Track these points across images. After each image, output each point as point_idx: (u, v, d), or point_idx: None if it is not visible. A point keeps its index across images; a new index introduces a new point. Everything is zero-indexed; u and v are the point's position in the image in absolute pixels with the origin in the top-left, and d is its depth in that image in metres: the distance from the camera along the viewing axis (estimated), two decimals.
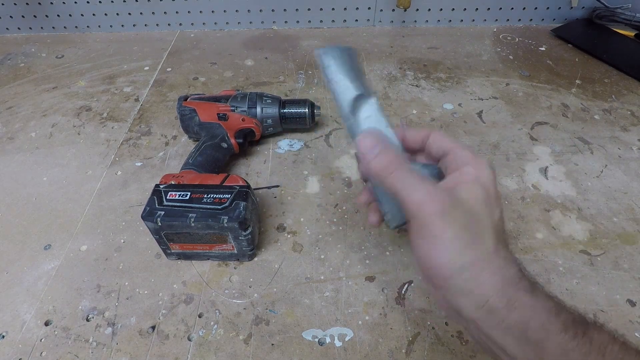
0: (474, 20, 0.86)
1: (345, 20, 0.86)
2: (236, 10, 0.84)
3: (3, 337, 0.38)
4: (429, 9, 0.84)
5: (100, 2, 0.82)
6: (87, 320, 0.39)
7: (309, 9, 0.84)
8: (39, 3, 0.82)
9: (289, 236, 0.46)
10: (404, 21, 0.86)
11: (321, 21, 0.86)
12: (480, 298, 0.23)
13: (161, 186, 0.40)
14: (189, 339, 0.37)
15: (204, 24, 0.86)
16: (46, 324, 0.39)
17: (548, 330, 0.22)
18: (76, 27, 0.86)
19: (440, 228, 0.24)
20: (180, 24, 0.86)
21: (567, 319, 0.22)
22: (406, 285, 0.41)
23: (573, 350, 0.21)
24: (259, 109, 0.54)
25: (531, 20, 0.86)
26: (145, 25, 0.86)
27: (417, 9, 0.84)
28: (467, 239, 0.24)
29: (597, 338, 0.21)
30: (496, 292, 0.23)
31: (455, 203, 0.25)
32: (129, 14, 0.84)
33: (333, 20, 0.86)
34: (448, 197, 0.25)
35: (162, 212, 0.38)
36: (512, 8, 0.84)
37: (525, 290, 0.23)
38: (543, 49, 0.78)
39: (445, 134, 0.30)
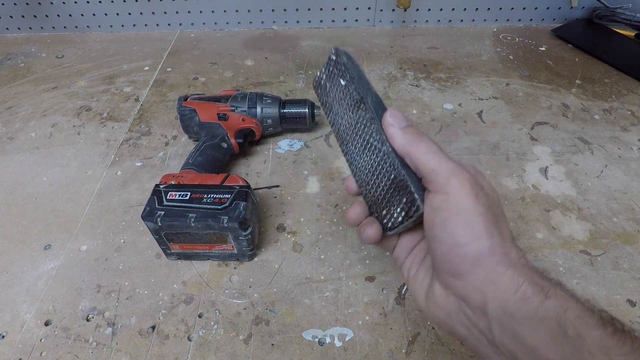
0: (474, 20, 0.86)
1: (345, 20, 0.86)
2: (236, 10, 0.84)
3: (3, 337, 0.38)
4: (429, 9, 0.84)
5: (100, 2, 0.82)
6: (87, 320, 0.39)
7: (309, 9, 0.84)
8: (39, 3, 0.82)
9: (289, 236, 0.46)
10: (404, 21, 0.86)
11: (321, 21, 0.86)
12: (512, 283, 0.21)
13: (161, 186, 0.40)
14: (189, 339, 0.37)
15: (204, 24, 0.86)
16: (46, 324, 0.39)
17: (587, 324, 0.19)
18: (76, 27, 0.86)
19: (470, 202, 0.22)
20: (180, 24, 0.86)
21: (603, 314, 0.20)
22: (406, 286, 0.41)
23: (614, 348, 0.18)
24: (259, 109, 0.54)
25: (531, 20, 0.86)
26: (145, 25, 0.86)
27: (417, 9, 0.84)
28: (493, 219, 0.22)
29: (636, 338, 0.19)
30: (527, 277, 0.21)
31: (478, 183, 0.23)
32: (129, 14, 0.84)
33: (333, 20, 0.86)
34: (472, 176, 0.23)
35: (162, 212, 0.38)
36: (512, 8, 0.84)
37: (554, 281, 0.21)
38: (543, 49, 0.78)
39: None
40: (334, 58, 0.30)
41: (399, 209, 0.26)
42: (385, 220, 0.28)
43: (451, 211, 0.22)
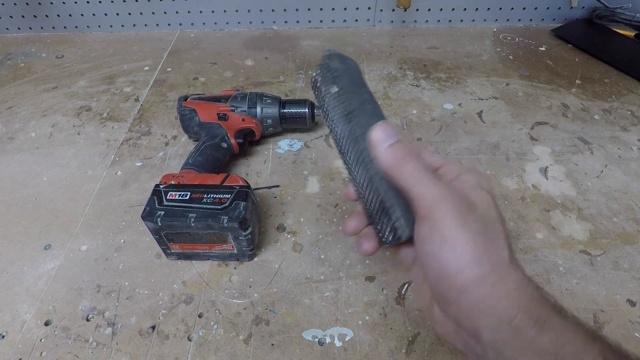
0: (474, 20, 0.86)
1: (345, 20, 0.86)
2: (236, 10, 0.84)
3: (3, 337, 0.38)
4: (429, 9, 0.84)
5: (100, 2, 0.82)
6: (87, 320, 0.39)
7: (309, 9, 0.84)
8: (39, 3, 0.82)
9: (289, 236, 0.46)
10: (404, 21, 0.86)
11: (321, 21, 0.86)
12: (505, 314, 0.20)
13: (161, 186, 0.40)
14: (189, 339, 0.37)
15: (204, 24, 0.86)
16: (46, 324, 0.39)
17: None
18: (76, 27, 0.86)
19: (456, 230, 0.21)
20: (180, 24, 0.86)
21: (604, 347, 0.19)
22: (406, 285, 0.41)
23: None
24: (259, 109, 0.54)
25: (531, 20, 0.86)
26: (145, 25, 0.86)
27: (417, 9, 0.84)
28: (484, 245, 0.21)
29: None
30: (522, 308, 0.20)
31: (470, 206, 0.22)
32: (129, 14, 0.84)
33: (333, 20, 0.86)
34: (462, 198, 0.23)
35: (162, 212, 0.38)
36: (512, 8, 0.84)
37: (554, 310, 0.20)
38: (543, 49, 0.78)
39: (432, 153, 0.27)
40: (327, 62, 0.28)
41: (387, 230, 0.26)
42: (380, 234, 0.27)
43: (439, 239, 0.22)
